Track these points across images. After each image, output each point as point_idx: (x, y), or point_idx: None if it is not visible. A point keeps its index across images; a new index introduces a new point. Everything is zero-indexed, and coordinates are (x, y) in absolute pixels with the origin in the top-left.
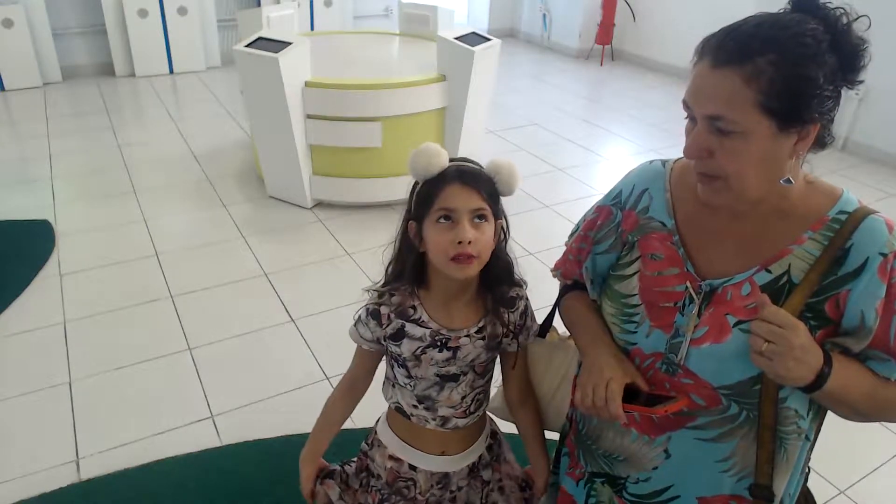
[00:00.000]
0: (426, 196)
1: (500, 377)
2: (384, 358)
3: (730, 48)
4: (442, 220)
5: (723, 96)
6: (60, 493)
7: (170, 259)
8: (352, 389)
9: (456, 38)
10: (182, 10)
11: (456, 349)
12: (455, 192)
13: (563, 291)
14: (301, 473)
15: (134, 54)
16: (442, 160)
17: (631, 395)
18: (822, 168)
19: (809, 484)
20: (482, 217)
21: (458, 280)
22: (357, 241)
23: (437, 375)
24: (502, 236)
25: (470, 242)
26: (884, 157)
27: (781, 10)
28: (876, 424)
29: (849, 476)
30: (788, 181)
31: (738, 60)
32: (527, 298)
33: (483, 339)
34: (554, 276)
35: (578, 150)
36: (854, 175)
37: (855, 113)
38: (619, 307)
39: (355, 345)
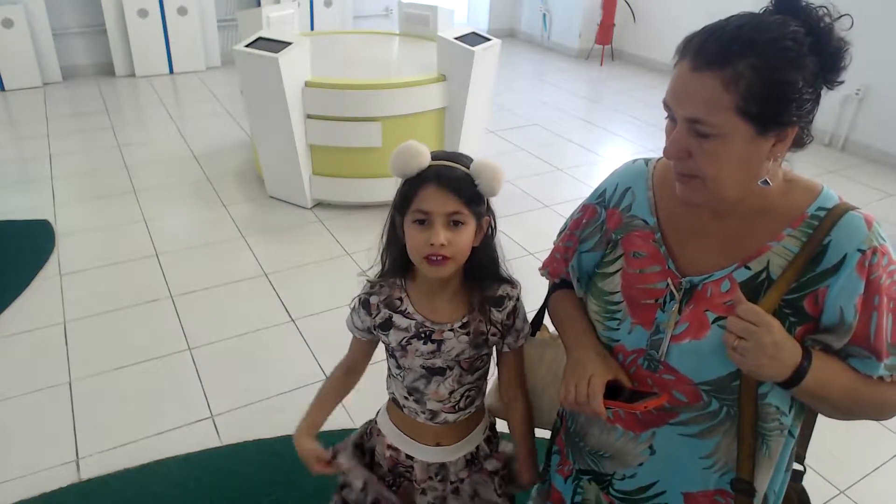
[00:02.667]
0: (405, 195)
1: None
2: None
3: (710, 51)
4: (417, 222)
5: (702, 99)
6: (60, 493)
7: (170, 259)
8: (349, 371)
9: (456, 38)
10: (182, 10)
11: (440, 342)
12: (431, 195)
13: (552, 290)
14: (301, 450)
15: (134, 54)
16: (420, 161)
17: (614, 391)
18: (823, 168)
19: (808, 484)
20: (458, 221)
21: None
22: (357, 241)
23: (423, 367)
24: (489, 232)
25: (443, 245)
26: (884, 157)
27: (763, 10)
28: (876, 424)
29: (849, 476)
30: (766, 182)
31: (717, 64)
32: (518, 299)
33: (467, 334)
34: (542, 274)
35: (578, 150)
36: (854, 175)
37: (855, 113)
38: (602, 304)
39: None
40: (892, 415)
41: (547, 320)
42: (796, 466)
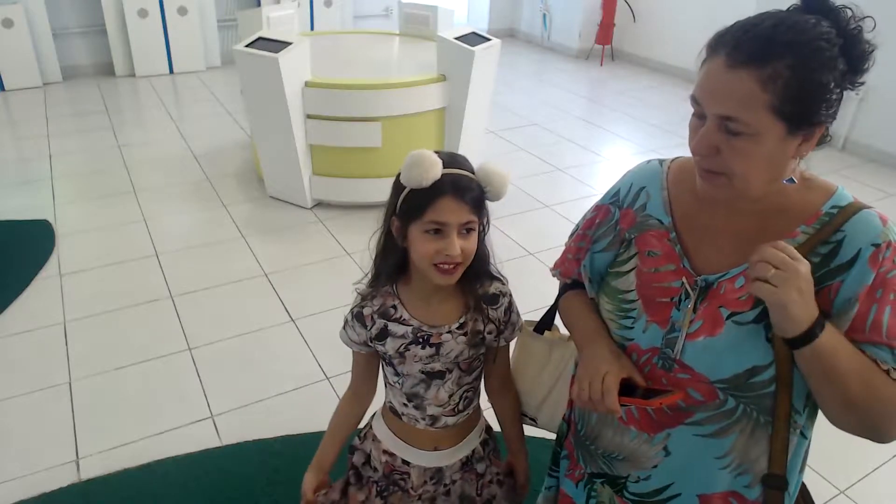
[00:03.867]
0: (417, 205)
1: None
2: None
3: (747, 49)
4: (431, 231)
5: (737, 97)
6: (60, 493)
7: (170, 259)
8: (356, 397)
9: (456, 38)
10: (182, 10)
11: (438, 345)
12: (447, 207)
13: (562, 290)
14: (304, 481)
15: (134, 54)
16: (437, 171)
17: (628, 390)
18: (823, 168)
19: (808, 484)
20: (470, 229)
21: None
22: (357, 241)
23: (423, 372)
24: (483, 230)
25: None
26: (884, 157)
27: (791, 9)
28: None
29: (849, 476)
30: (791, 180)
31: (755, 62)
32: (510, 295)
33: (465, 335)
34: (553, 275)
35: (578, 150)
36: (854, 175)
37: (855, 113)
38: (616, 304)
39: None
40: None
41: (558, 321)
42: None
